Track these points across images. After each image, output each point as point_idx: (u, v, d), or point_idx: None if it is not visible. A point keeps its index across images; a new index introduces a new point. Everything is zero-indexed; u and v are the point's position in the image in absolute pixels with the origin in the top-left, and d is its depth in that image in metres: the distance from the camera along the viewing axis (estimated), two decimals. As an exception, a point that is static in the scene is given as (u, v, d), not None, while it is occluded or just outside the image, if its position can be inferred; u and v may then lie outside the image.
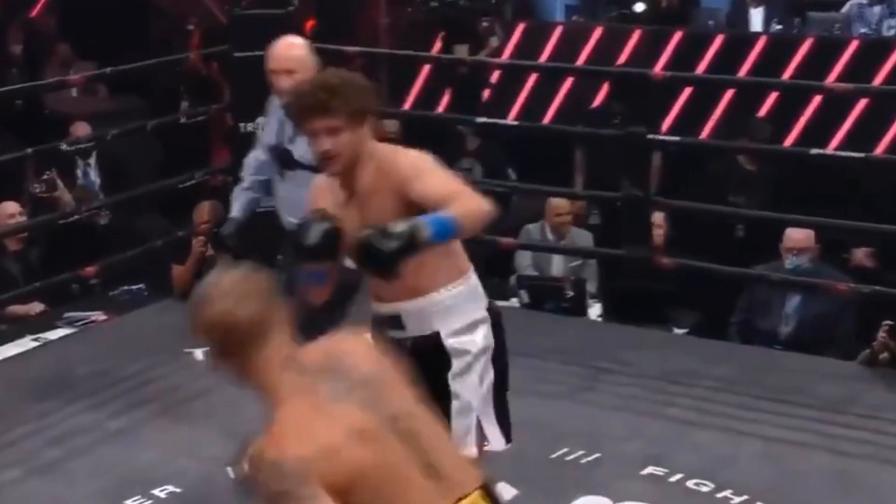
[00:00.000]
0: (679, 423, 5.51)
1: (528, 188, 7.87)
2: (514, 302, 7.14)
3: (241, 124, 6.68)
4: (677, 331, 6.87)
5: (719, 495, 4.87)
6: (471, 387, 3.66)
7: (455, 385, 3.62)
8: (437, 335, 3.61)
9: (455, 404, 3.61)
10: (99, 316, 6.98)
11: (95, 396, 5.78)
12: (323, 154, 3.51)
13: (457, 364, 3.63)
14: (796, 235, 6.44)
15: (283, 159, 5.06)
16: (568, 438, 5.30)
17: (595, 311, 7.02)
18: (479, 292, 3.73)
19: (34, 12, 12.93)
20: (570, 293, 6.85)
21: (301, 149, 4.82)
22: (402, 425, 2.62)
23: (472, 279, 3.70)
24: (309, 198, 3.76)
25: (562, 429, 5.42)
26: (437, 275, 3.58)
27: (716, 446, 5.28)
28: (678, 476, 5.00)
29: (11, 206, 7.33)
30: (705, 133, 9.51)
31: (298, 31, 11.68)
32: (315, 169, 4.51)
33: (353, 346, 2.75)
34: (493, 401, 3.76)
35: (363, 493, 2.55)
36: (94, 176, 8.48)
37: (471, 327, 3.67)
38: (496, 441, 3.81)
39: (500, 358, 3.80)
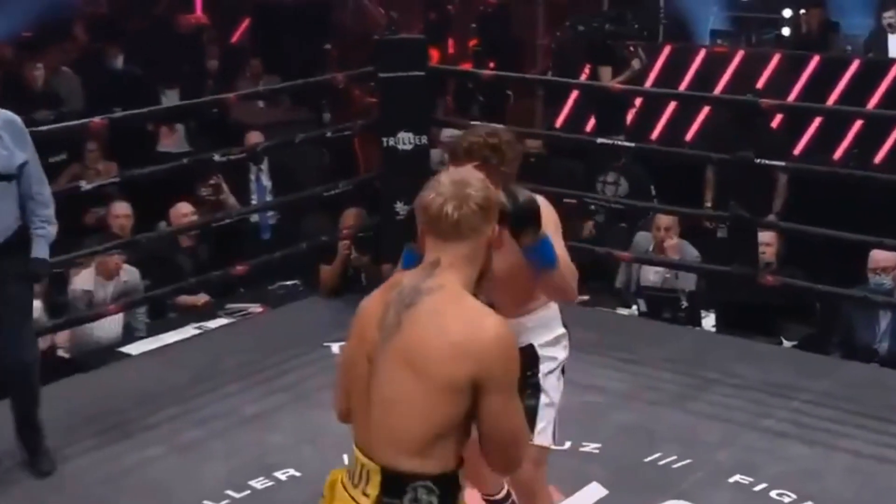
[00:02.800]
0: (773, 434, 5.32)
1: (630, 204, 7.77)
2: (633, 310, 7.03)
3: (384, 138, 6.69)
4: (786, 343, 6.65)
5: (800, 506, 4.71)
6: (554, 387, 3.87)
7: (545, 383, 3.84)
8: (531, 346, 3.79)
9: (543, 399, 3.84)
10: (256, 308, 7.11)
11: (238, 382, 5.85)
12: None
13: (545, 367, 3.85)
14: (879, 256, 6.33)
15: None
16: (664, 444, 5.18)
17: (710, 321, 6.85)
18: (559, 314, 3.94)
19: (237, 35, 13.28)
20: (685, 304, 6.70)
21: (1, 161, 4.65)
22: (378, 366, 2.61)
23: (555, 304, 3.89)
24: None
25: (660, 434, 5.29)
26: (532, 301, 3.80)
27: (805, 459, 5.09)
28: (762, 485, 4.83)
29: (185, 207, 7.51)
30: (837, 155, 9.23)
31: (462, 49, 11.83)
32: (9, 178, 4.66)
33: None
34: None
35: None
36: (266, 180, 8.60)
37: (556, 340, 3.91)
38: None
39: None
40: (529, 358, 3.76)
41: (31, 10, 11.76)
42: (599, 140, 6.94)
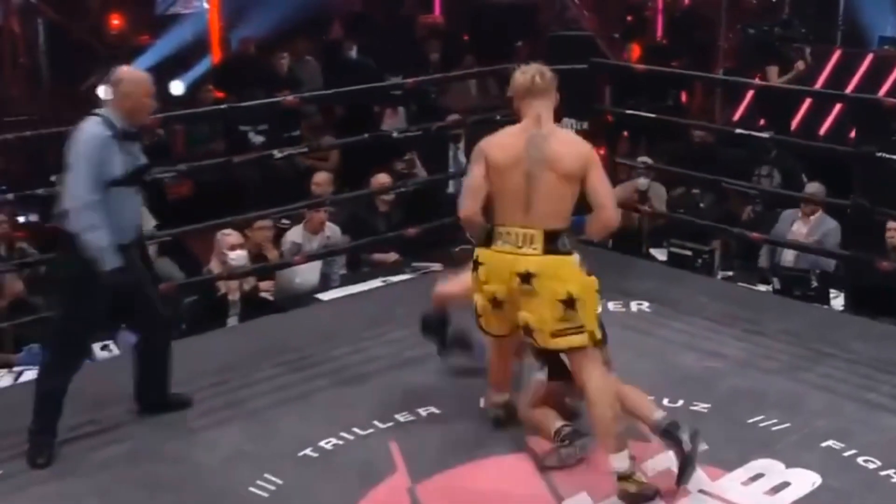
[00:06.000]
0: (873, 406, 5.04)
1: (769, 191, 7.52)
2: (770, 287, 6.77)
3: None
4: (909, 326, 6.26)
5: (882, 473, 4.45)
6: None
7: None
8: None
9: None
10: (437, 266, 7.15)
11: (405, 330, 5.84)
12: None
13: None
14: None
15: (138, 179, 4.56)
16: (768, 408, 4.98)
17: (839, 301, 6.52)
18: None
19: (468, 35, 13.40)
20: (815, 283, 6.40)
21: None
22: (536, 176, 4.17)
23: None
24: None
25: (767, 399, 5.10)
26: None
27: (899, 430, 4.81)
28: (851, 452, 4.61)
29: (383, 177, 7.65)
30: None
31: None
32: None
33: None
34: None
35: (493, 182, 4.26)
36: (462, 157, 8.68)
37: None
38: None
39: None
40: None
41: (292, 7, 12.14)
42: (738, 130, 6.71)
